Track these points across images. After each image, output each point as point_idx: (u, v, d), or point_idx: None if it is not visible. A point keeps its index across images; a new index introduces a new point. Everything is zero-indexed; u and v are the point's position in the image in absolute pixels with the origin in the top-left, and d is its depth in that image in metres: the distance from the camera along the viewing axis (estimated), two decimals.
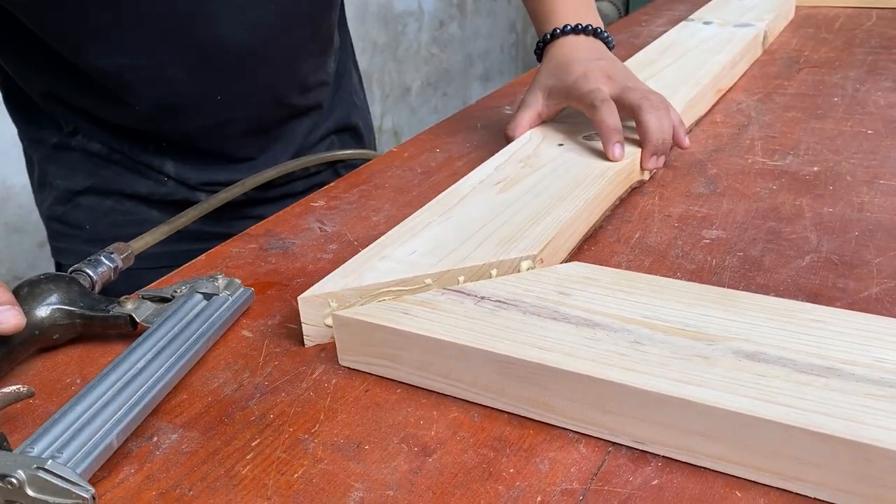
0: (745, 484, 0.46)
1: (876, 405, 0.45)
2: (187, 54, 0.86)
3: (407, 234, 0.67)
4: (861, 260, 0.68)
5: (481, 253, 0.63)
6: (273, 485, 0.48)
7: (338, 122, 1.10)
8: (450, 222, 0.69)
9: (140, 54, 0.85)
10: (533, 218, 0.69)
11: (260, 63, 0.92)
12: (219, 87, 0.90)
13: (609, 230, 0.75)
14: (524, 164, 0.80)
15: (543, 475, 0.48)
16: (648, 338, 0.52)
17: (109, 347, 0.62)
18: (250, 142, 0.98)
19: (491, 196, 0.73)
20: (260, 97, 0.95)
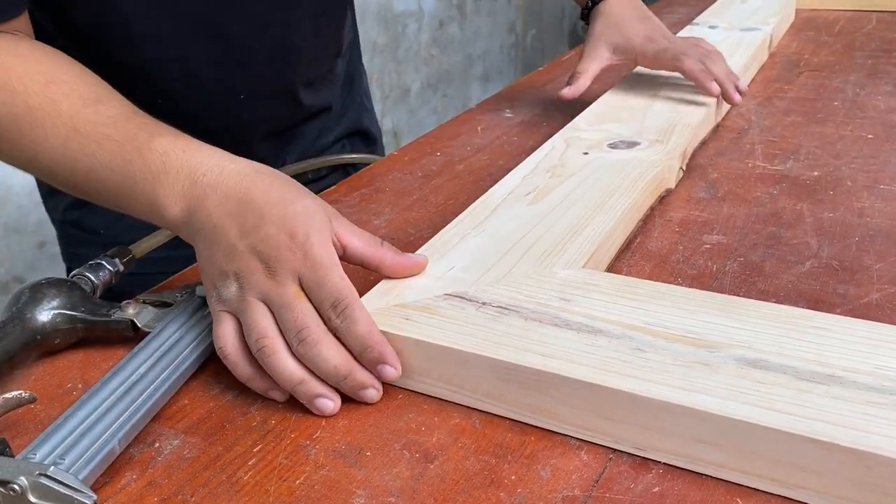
0: (747, 491, 0.46)
1: (877, 413, 0.45)
2: (216, 49, 0.87)
3: (443, 247, 0.66)
4: (861, 265, 0.68)
5: (523, 268, 0.62)
6: (275, 491, 0.48)
7: (349, 126, 1.10)
8: (485, 235, 0.68)
9: (169, 48, 0.85)
10: (571, 230, 0.68)
11: (286, 61, 0.92)
12: (243, 84, 0.91)
13: None
14: (552, 174, 0.79)
15: (545, 482, 0.48)
16: (650, 344, 0.52)
17: (111, 352, 0.62)
18: (267, 144, 0.98)
19: (523, 207, 0.72)
20: (282, 96, 0.95)
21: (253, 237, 0.57)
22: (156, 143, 0.62)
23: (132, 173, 0.61)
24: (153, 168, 0.61)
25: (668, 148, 0.84)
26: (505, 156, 0.96)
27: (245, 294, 0.56)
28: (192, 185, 0.60)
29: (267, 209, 0.57)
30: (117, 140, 0.62)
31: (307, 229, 0.56)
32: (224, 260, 0.57)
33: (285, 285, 0.55)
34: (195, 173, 0.60)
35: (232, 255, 0.57)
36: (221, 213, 0.58)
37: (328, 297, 0.55)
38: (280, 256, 0.56)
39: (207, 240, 0.58)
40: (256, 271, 0.56)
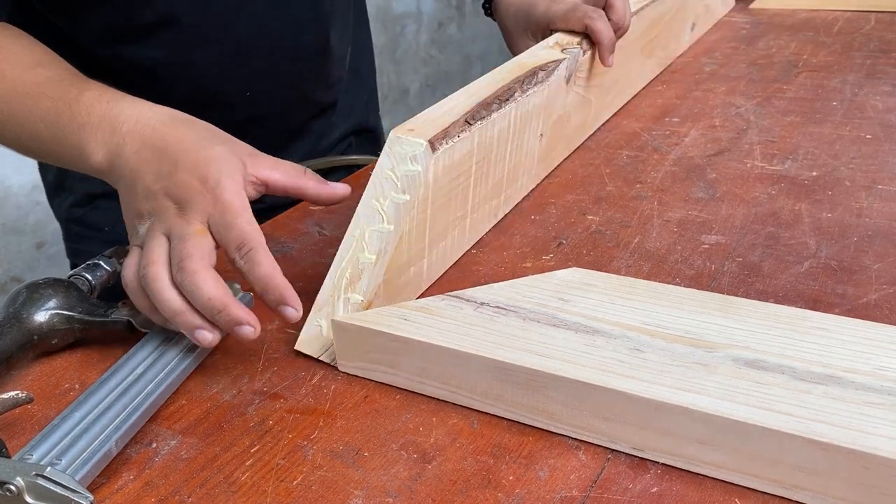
0: (745, 492, 0.46)
1: (875, 413, 0.45)
2: (224, 48, 0.87)
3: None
4: (860, 266, 0.68)
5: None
6: (272, 491, 0.48)
7: (355, 124, 1.10)
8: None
9: (176, 48, 0.85)
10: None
11: (291, 59, 0.92)
12: (249, 82, 0.91)
13: (608, 235, 0.75)
14: None
15: (543, 482, 0.48)
16: (648, 345, 0.52)
17: (108, 352, 0.62)
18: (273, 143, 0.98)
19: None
20: (287, 93, 0.95)
21: (167, 182, 0.60)
22: (84, 96, 0.66)
23: (62, 125, 0.66)
24: (79, 119, 0.65)
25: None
26: None
27: (153, 229, 0.60)
28: (113, 133, 0.64)
29: (181, 156, 0.60)
30: (51, 97, 0.67)
31: (218, 175, 0.59)
32: (141, 202, 0.61)
33: (191, 223, 0.58)
34: (115, 122, 0.64)
35: (148, 197, 0.60)
36: (139, 160, 0.62)
37: (234, 239, 0.57)
38: (192, 199, 0.59)
39: (127, 184, 0.62)
40: (168, 210, 0.59)
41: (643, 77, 1.17)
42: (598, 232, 0.76)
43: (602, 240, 0.75)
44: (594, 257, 0.72)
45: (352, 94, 1.09)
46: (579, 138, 0.97)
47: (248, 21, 0.87)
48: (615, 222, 0.78)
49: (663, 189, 0.84)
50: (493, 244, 0.75)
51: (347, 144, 1.09)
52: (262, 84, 0.92)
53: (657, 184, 0.86)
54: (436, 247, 0.68)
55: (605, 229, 0.77)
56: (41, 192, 1.94)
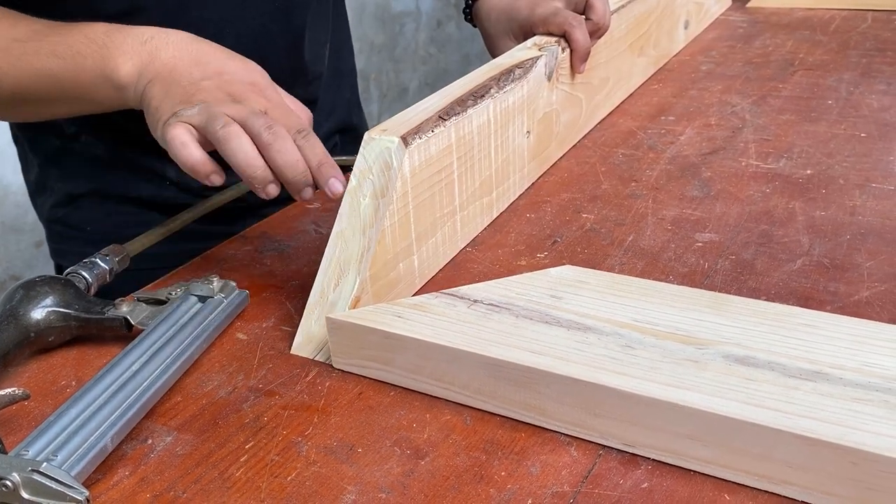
0: (734, 487, 0.47)
1: (863, 409, 0.46)
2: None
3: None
4: (852, 263, 0.68)
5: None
6: (266, 487, 0.49)
7: (338, 122, 1.10)
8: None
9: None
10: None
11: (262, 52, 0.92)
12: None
13: (602, 233, 0.76)
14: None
15: (534, 478, 0.48)
16: (639, 341, 0.53)
17: (105, 350, 0.62)
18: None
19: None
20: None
21: (217, 80, 0.63)
22: (95, 25, 0.68)
23: (79, 51, 0.67)
24: (99, 41, 0.67)
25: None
26: None
27: (212, 107, 0.61)
28: (142, 44, 0.66)
29: (225, 62, 0.65)
30: (59, 32, 0.69)
31: (263, 80, 0.66)
32: (188, 93, 0.63)
33: (253, 107, 0.62)
34: (142, 36, 0.66)
35: (197, 89, 0.63)
36: (179, 62, 0.65)
37: (294, 124, 0.62)
38: (246, 96, 0.63)
39: (166, 81, 0.64)
40: (222, 100, 0.62)
41: (636, 75, 1.17)
42: (593, 230, 0.76)
43: (596, 238, 0.75)
44: (588, 255, 0.72)
45: (333, 92, 1.08)
46: (573, 137, 0.97)
47: (217, 10, 0.87)
48: (610, 220, 0.78)
49: (658, 187, 0.85)
50: (488, 242, 0.76)
51: (333, 144, 1.09)
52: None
53: (652, 182, 0.86)
54: (424, 243, 0.68)
55: (599, 227, 0.77)
56: None
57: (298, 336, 0.62)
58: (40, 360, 0.62)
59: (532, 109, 0.84)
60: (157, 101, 0.64)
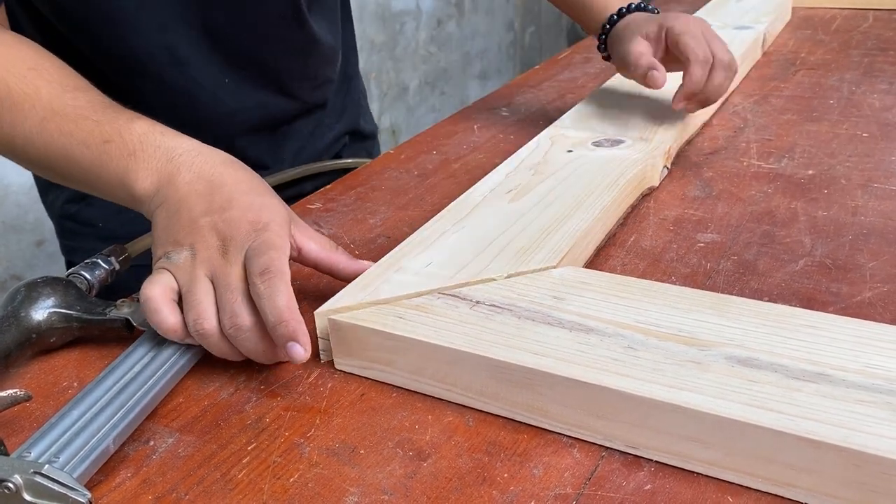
0: (737, 489, 0.47)
1: (866, 411, 0.46)
2: (202, 39, 0.88)
3: (421, 244, 0.67)
4: (854, 264, 0.68)
5: (498, 265, 0.63)
6: (269, 489, 0.49)
7: (348, 126, 1.10)
8: (464, 232, 0.68)
9: (155, 37, 0.86)
10: (548, 228, 0.68)
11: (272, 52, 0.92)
12: (230, 70, 0.91)
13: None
14: (535, 172, 0.79)
15: (537, 480, 0.48)
16: (642, 343, 0.53)
17: (106, 350, 0.62)
18: (260, 140, 0.98)
19: (503, 205, 0.73)
20: (270, 88, 0.96)
21: (216, 216, 0.60)
22: (135, 124, 0.65)
23: (108, 150, 0.64)
24: (130, 146, 0.64)
25: (652, 146, 0.85)
26: (501, 154, 0.96)
27: (196, 266, 0.59)
28: (168, 161, 0.63)
29: (236, 196, 0.61)
30: (96, 120, 0.66)
31: (269, 219, 0.60)
32: (183, 231, 0.60)
33: (233, 265, 0.58)
34: (172, 152, 0.64)
35: (192, 228, 0.60)
36: (190, 190, 0.61)
37: (261, 264, 0.56)
38: (237, 237, 0.58)
39: (170, 211, 0.61)
40: (211, 247, 0.59)
41: None
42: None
43: None
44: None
45: (343, 96, 1.09)
46: None
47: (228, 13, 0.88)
48: None
49: (659, 187, 0.85)
50: None
51: (342, 145, 1.09)
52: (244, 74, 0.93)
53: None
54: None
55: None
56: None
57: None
58: (42, 361, 0.62)
59: None
60: (158, 231, 0.62)
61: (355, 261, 0.65)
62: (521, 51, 4.00)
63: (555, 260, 0.63)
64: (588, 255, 0.70)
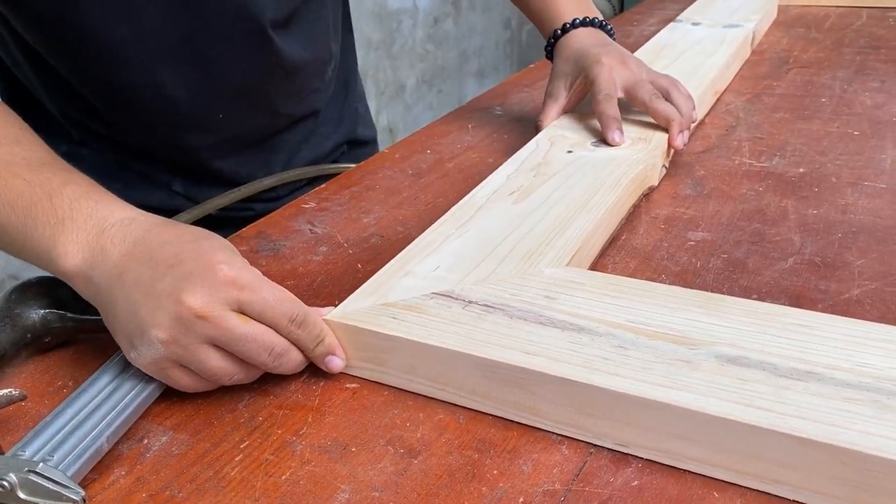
0: (723, 485, 0.47)
1: (854, 409, 0.46)
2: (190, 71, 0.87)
3: (427, 248, 0.67)
4: (843, 262, 0.69)
5: (507, 267, 0.63)
6: (261, 486, 0.49)
7: (346, 134, 1.10)
8: (469, 235, 0.68)
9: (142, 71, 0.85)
10: (553, 229, 0.68)
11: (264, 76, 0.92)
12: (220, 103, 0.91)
13: None
14: (536, 173, 0.79)
15: (526, 476, 0.49)
16: (632, 342, 0.53)
17: (101, 350, 0.63)
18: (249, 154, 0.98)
19: (507, 206, 0.73)
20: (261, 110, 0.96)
21: (170, 278, 0.54)
22: (68, 189, 0.60)
23: (35, 215, 0.58)
24: (59, 213, 0.58)
25: (651, 146, 0.85)
26: (495, 153, 0.97)
27: (182, 344, 0.53)
28: (100, 234, 0.57)
29: (181, 248, 0.55)
30: (27, 180, 0.60)
31: (226, 257, 0.55)
32: (139, 311, 0.54)
33: (227, 319, 0.53)
34: (104, 223, 0.58)
35: (148, 304, 0.54)
36: (129, 261, 0.56)
37: (281, 314, 0.55)
38: (210, 289, 0.53)
39: (112, 296, 0.55)
40: (186, 315, 0.52)
41: None
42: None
43: None
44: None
45: (340, 104, 1.09)
46: None
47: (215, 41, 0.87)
48: None
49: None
50: None
51: (340, 153, 1.09)
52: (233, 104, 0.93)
53: None
54: None
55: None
56: None
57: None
58: (37, 360, 0.62)
59: None
60: (109, 321, 0.57)
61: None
62: (519, 48, 4.00)
63: (563, 262, 0.64)
64: (594, 256, 0.71)
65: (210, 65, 0.87)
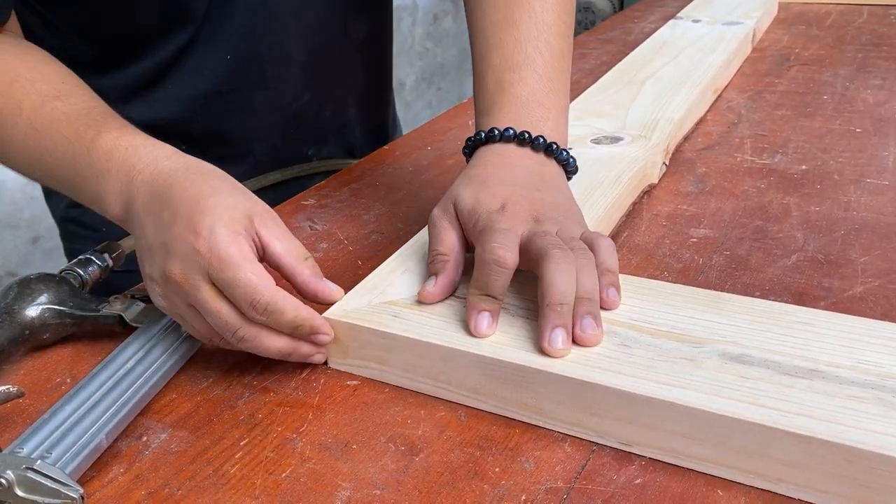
0: (727, 483, 0.47)
1: (858, 407, 0.46)
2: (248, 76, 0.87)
3: (426, 245, 0.65)
4: (846, 259, 0.68)
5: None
6: (261, 484, 0.49)
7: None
8: None
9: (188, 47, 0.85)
10: None
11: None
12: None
13: None
14: None
15: (528, 474, 0.48)
16: (635, 340, 0.53)
17: (99, 347, 0.62)
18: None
19: None
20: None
21: (166, 235, 0.55)
22: (102, 140, 0.62)
23: (80, 171, 0.62)
24: (97, 167, 0.61)
25: (651, 144, 0.85)
26: None
27: (172, 303, 0.57)
28: (129, 183, 0.60)
29: (181, 205, 0.56)
30: (68, 137, 0.63)
31: (212, 224, 0.54)
32: (146, 261, 0.58)
33: (199, 289, 0.54)
34: (132, 171, 0.60)
35: (149, 256, 0.57)
36: (146, 212, 0.58)
37: (243, 297, 0.53)
38: (187, 256, 0.54)
39: (136, 241, 0.59)
40: (172, 275, 0.55)
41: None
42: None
43: None
44: None
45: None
46: None
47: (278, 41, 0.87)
48: None
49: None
50: None
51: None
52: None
53: None
54: None
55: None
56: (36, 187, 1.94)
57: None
58: (35, 357, 0.62)
59: None
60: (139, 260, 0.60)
61: (320, 280, 0.58)
62: None
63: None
64: None
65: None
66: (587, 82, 1.05)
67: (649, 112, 0.93)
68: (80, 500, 0.46)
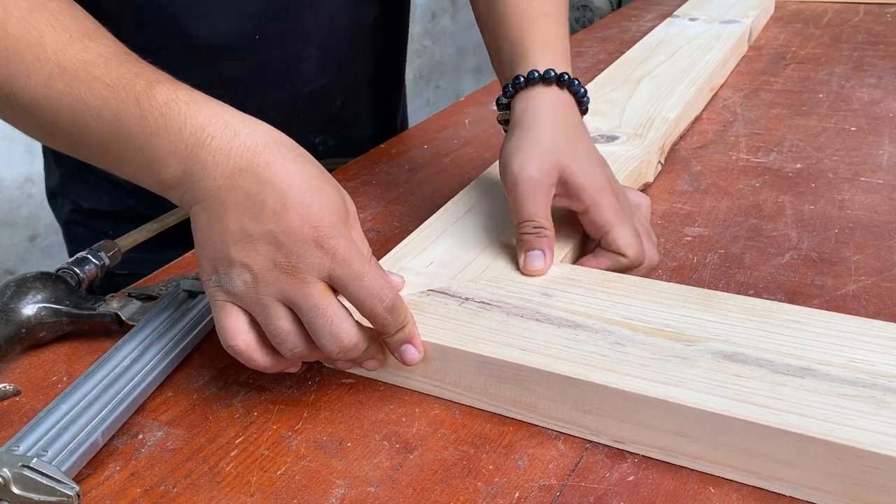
0: (719, 480, 0.47)
1: (849, 405, 0.46)
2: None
3: (422, 243, 0.67)
4: (840, 257, 0.69)
5: (501, 264, 0.63)
6: (256, 482, 0.49)
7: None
8: (464, 230, 0.68)
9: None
10: None
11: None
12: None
13: None
14: None
15: (522, 471, 0.49)
16: (629, 339, 0.53)
17: (96, 345, 0.63)
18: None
19: (503, 202, 0.71)
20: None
21: (272, 225, 0.50)
22: (156, 91, 0.53)
23: (126, 125, 0.53)
24: (150, 123, 0.52)
25: (647, 142, 0.85)
26: (491, 149, 0.97)
27: (260, 292, 0.51)
28: (198, 147, 0.52)
29: (290, 194, 0.51)
30: (109, 84, 0.53)
31: (333, 221, 0.51)
32: (233, 245, 0.51)
33: (309, 284, 0.50)
34: (202, 133, 0.52)
35: (245, 242, 0.51)
36: (232, 188, 0.51)
37: (370, 290, 0.51)
38: (304, 253, 0.50)
39: (211, 214, 0.52)
40: (275, 267, 0.50)
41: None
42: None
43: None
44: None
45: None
46: None
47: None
48: None
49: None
50: None
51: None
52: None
53: None
54: None
55: None
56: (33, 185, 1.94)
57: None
58: (31, 355, 0.62)
59: None
60: (199, 238, 0.53)
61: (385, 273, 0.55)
62: None
63: (559, 258, 0.63)
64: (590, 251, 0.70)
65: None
66: (584, 80, 1.05)
67: (645, 110, 0.93)
68: (77, 498, 0.46)
